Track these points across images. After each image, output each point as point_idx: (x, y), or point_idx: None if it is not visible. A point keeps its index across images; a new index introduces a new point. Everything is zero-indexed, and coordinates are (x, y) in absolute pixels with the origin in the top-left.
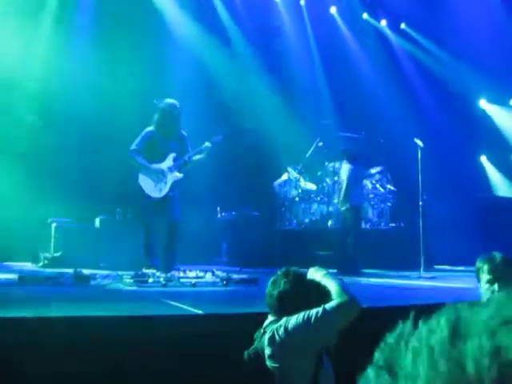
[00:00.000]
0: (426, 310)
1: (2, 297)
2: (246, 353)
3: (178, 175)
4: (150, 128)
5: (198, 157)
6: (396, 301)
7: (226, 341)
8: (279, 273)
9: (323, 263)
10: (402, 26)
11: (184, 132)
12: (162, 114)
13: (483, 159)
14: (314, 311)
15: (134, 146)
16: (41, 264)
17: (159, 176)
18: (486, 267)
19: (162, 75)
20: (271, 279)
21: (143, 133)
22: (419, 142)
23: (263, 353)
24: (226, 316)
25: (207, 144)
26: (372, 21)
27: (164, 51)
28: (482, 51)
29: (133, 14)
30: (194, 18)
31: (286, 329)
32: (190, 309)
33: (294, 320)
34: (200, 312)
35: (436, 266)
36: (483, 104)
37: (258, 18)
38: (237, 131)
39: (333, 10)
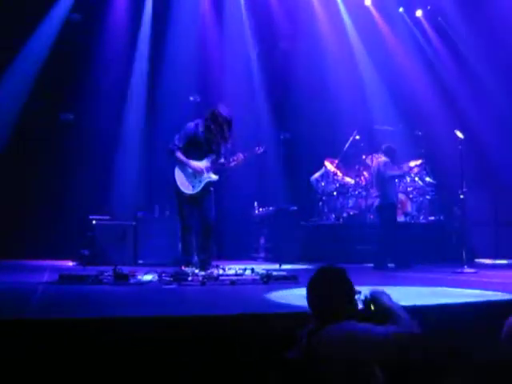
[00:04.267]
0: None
1: (42, 296)
2: (288, 356)
3: (213, 177)
4: (193, 124)
5: (233, 164)
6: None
7: (267, 340)
8: (317, 271)
9: (361, 258)
10: (439, 18)
11: None
12: (213, 118)
13: None
14: (365, 331)
15: (176, 142)
16: (80, 262)
17: (195, 174)
18: None
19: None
20: (310, 279)
21: (186, 128)
22: (459, 134)
23: (308, 359)
24: (265, 315)
25: (245, 155)
26: (407, 17)
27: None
28: None
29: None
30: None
31: (330, 342)
32: (228, 308)
33: (343, 336)
34: (239, 311)
35: (477, 260)
36: None
37: (293, 14)
38: (274, 126)
39: (368, 2)
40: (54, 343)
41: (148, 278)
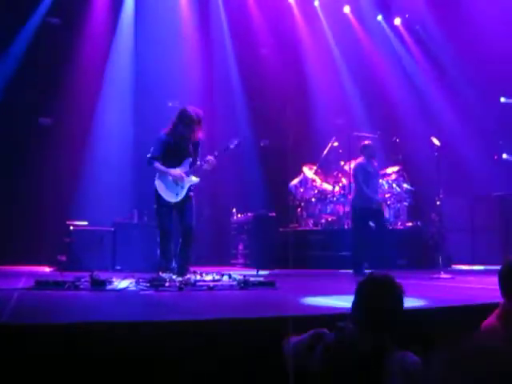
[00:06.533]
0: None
1: (17, 301)
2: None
3: (194, 179)
4: (165, 131)
5: (205, 166)
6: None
7: (245, 345)
8: (370, 280)
9: (340, 264)
10: (417, 27)
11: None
12: (180, 119)
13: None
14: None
15: (153, 153)
16: (57, 268)
17: (177, 181)
18: None
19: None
20: (360, 288)
21: (159, 137)
22: (436, 141)
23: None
24: (244, 320)
25: (216, 155)
26: (385, 25)
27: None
28: (501, 48)
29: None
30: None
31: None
32: (205, 313)
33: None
34: (217, 316)
35: (453, 266)
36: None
37: (273, 21)
38: (253, 133)
39: (346, 9)
40: (30, 349)
41: (125, 284)
